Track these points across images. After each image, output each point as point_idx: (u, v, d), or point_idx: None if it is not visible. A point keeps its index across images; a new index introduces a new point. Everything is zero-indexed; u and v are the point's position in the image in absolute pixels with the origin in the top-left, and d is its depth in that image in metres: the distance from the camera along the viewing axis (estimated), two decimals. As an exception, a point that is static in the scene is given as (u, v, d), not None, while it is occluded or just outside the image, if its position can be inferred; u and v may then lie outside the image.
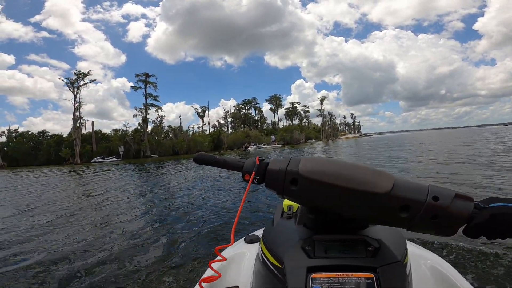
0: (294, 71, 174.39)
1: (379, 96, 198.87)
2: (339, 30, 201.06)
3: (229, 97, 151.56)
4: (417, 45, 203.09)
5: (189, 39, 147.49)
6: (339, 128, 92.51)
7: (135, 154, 43.17)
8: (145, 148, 44.21)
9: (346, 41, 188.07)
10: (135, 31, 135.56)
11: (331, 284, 0.38)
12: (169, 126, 51.25)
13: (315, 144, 46.32)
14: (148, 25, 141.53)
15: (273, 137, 47.19)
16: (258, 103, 79.88)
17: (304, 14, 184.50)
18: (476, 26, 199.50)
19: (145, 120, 46.58)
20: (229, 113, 73.33)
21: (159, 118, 49.17)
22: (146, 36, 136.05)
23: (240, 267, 0.71)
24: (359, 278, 0.38)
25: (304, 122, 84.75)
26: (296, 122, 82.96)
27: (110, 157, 39.57)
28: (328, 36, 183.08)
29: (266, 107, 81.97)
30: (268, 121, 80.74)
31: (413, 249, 0.75)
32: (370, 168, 0.44)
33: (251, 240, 0.84)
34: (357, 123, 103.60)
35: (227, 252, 0.79)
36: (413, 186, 0.41)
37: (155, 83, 48.93)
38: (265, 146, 40.54)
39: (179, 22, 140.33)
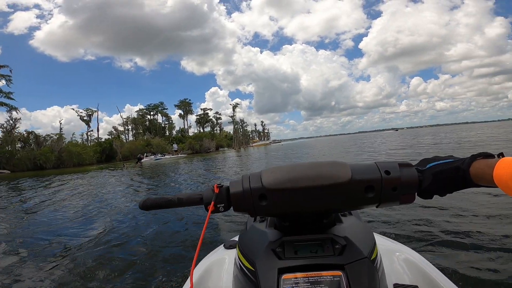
0: (210, 78, 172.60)
1: (285, 105, 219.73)
2: (257, 40, 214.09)
3: (136, 102, 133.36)
4: (317, 60, 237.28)
5: (93, 36, 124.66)
6: (251, 135, 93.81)
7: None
8: (-18, 162, 30.32)
9: (261, 52, 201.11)
10: (20, 22, 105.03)
11: (302, 284, 0.39)
12: (30, 133, 37.57)
13: (227, 152, 43.01)
14: (40, 17, 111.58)
15: (175, 146, 39.99)
16: (166, 109, 72.10)
17: (228, 22, 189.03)
18: (361, 45, 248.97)
19: (-16, 124, 32.32)
20: (129, 118, 62.43)
21: (11, 122, 35.34)
22: (34, 29, 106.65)
23: (221, 274, 0.71)
24: (328, 277, 0.39)
25: (216, 130, 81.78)
26: (208, 129, 78.99)
27: None
28: (246, 46, 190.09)
29: (177, 113, 74.67)
30: (179, 128, 73.71)
31: (385, 243, 0.78)
32: (326, 162, 0.45)
33: (230, 246, 0.83)
34: (266, 131, 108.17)
35: (208, 259, 0.80)
36: (366, 167, 0.44)
37: (9, 76, 35.46)
38: (165, 156, 33.31)
39: (85, 16, 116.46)
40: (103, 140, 48.23)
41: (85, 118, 49.79)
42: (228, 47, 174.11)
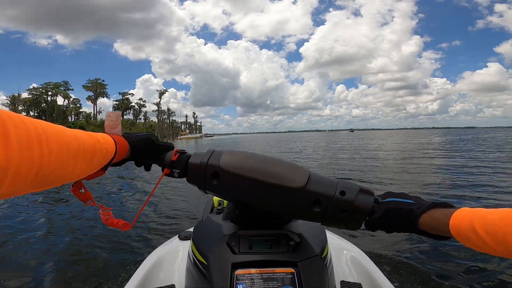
0: (146, 65, 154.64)
1: (223, 100, 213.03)
2: (205, 32, 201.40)
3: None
4: (259, 58, 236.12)
5: (7, 9, 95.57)
6: (181, 127, 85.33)
7: None
8: None
9: (205, 44, 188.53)
10: None
11: (255, 280, 0.38)
12: None
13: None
14: None
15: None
16: (72, 89, 57.86)
17: (178, 9, 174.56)
18: (301, 50, 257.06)
19: None
20: (19, 99, 47.30)
21: None
22: None
23: (174, 266, 0.69)
24: (281, 274, 0.39)
25: (140, 119, 70.97)
26: (130, 117, 67.57)
27: None
28: (192, 36, 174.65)
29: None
30: (85, 113, 60.30)
31: (335, 240, 0.80)
32: (288, 163, 0.45)
33: (185, 237, 0.80)
34: (199, 124, 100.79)
35: (161, 250, 0.77)
36: (325, 181, 0.43)
37: None
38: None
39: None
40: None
41: None
42: (173, 35, 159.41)
